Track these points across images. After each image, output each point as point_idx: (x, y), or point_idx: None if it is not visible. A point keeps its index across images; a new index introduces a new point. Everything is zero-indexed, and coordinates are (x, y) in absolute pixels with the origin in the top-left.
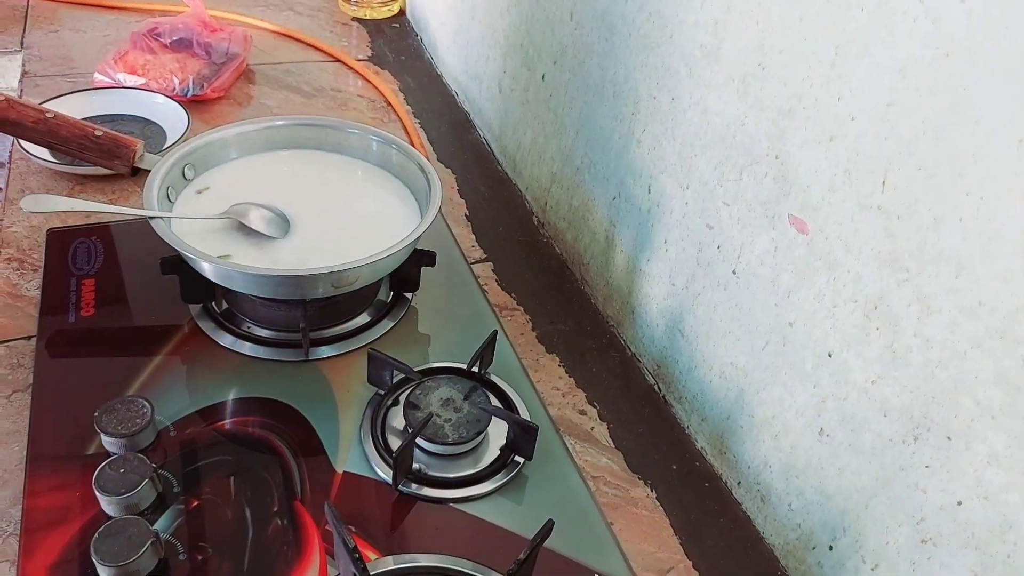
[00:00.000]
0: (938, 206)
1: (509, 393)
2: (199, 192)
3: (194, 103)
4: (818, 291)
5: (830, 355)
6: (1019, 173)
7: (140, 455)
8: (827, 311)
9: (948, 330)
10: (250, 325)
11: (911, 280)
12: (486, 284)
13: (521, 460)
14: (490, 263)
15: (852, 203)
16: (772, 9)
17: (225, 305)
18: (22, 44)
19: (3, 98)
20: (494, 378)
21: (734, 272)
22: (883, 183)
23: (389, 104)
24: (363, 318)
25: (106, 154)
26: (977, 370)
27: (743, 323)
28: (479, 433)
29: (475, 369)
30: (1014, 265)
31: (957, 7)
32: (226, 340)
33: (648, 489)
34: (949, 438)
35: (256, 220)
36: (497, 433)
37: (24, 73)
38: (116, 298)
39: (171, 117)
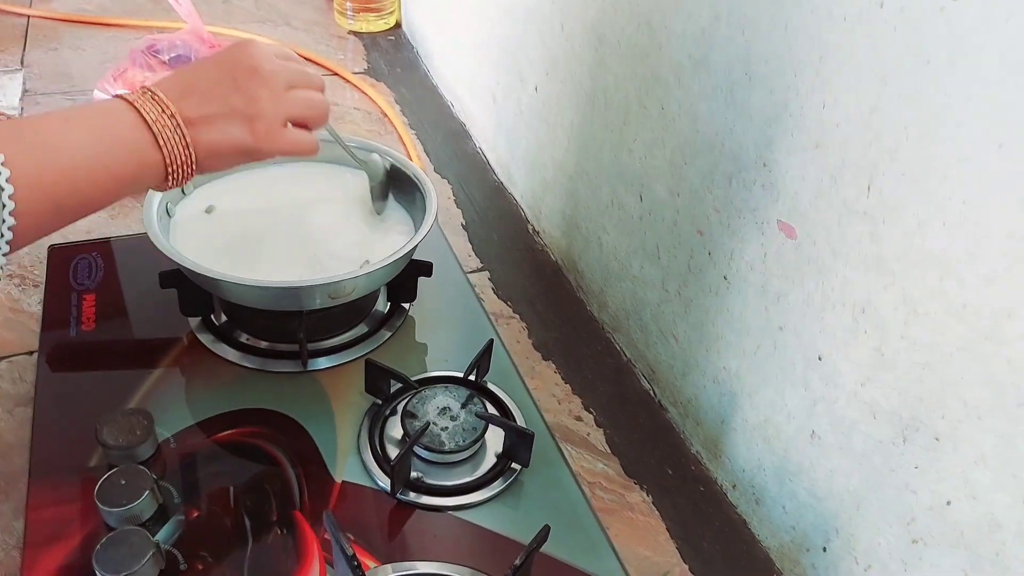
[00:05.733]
0: (922, 210)
1: (506, 400)
2: (207, 211)
3: None
4: (807, 295)
5: (820, 358)
6: (1001, 176)
7: (141, 467)
8: (816, 315)
9: (935, 332)
10: (248, 337)
11: (897, 283)
12: (482, 293)
13: (518, 467)
14: (486, 272)
15: (838, 208)
16: (758, 19)
17: (224, 318)
18: (22, 62)
19: (3, 118)
20: (491, 386)
21: (725, 277)
22: (868, 188)
23: (385, 116)
24: (361, 328)
25: None
26: (963, 372)
27: (735, 328)
28: (476, 441)
29: (472, 377)
30: (998, 267)
31: (936, 16)
32: (225, 352)
33: (644, 494)
34: (937, 439)
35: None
36: (494, 440)
37: (25, 91)
38: (116, 312)
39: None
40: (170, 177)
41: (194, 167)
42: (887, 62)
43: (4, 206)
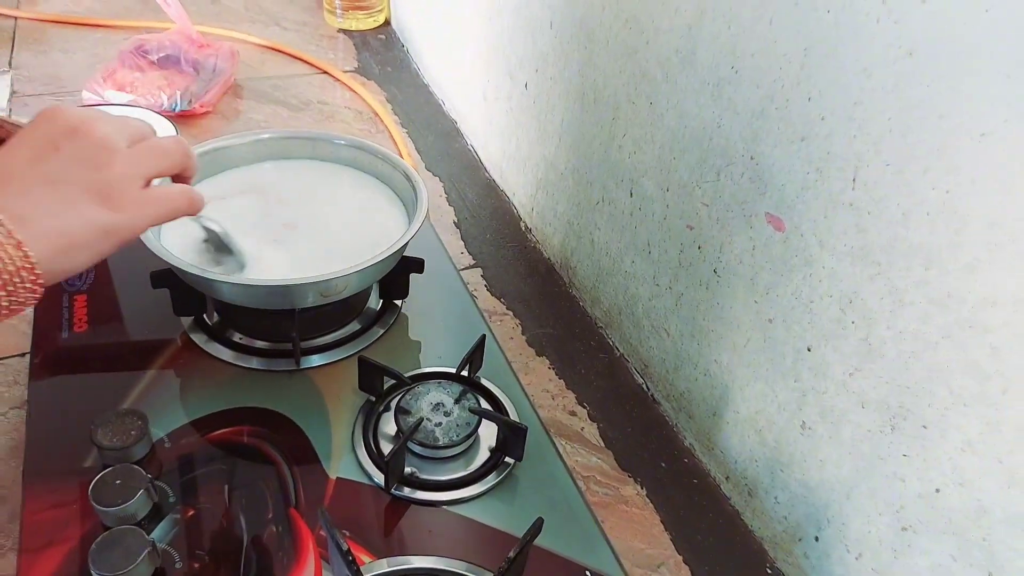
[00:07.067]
0: (906, 201)
1: (499, 396)
2: None
3: (182, 119)
4: (795, 287)
5: (809, 350)
6: (982, 165)
7: (135, 466)
8: (804, 307)
9: (920, 322)
10: (242, 336)
11: (883, 274)
12: (476, 290)
13: (511, 461)
14: (479, 269)
15: (824, 200)
16: (743, 13)
17: (217, 317)
18: (10, 64)
19: None
20: (484, 381)
21: (715, 271)
22: (853, 180)
23: (376, 115)
24: (353, 326)
25: None
26: (949, 360)
27: (725, 321)
28: (469, 436)
29: (465, 373)
30: (980, 256)
31: (918, 8)
32: (218, 351)
33: (638, 487)
34: (925, 427)
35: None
36: (488, 435)
37: (13, 93)
38: (108, 313)
39: (160, 134)
40: (5, 294)
41: (38, 273)
42: (870, 54)
43: None
